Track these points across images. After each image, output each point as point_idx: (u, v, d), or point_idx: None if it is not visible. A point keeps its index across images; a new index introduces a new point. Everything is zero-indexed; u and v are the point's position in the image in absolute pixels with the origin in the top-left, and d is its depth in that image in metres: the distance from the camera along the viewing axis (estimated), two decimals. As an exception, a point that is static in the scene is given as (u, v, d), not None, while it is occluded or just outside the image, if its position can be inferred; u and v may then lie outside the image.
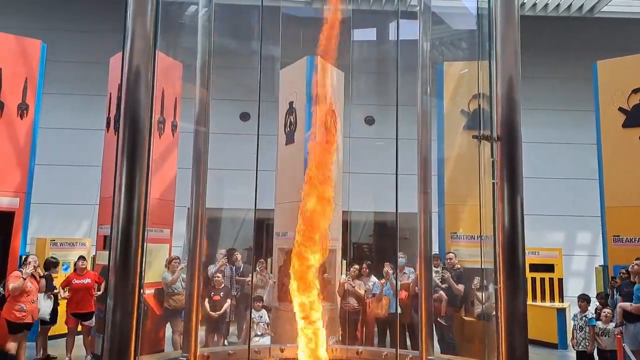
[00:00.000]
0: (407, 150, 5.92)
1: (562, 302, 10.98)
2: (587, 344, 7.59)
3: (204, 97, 5.92)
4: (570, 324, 10.46)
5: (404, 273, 8.70)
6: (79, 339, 8.52)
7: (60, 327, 8.88)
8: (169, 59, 9.15)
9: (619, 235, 8.88)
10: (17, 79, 8.74)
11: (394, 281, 8.08)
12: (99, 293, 8.38)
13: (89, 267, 10.36)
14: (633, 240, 8.76)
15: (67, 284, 8.30)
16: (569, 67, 14.11)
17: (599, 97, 9.46)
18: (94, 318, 8.37)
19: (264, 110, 6.40)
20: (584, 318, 7.74)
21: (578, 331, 7.73)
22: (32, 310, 7.47)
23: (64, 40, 13.19)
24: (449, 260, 8.91)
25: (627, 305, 7.11)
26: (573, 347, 8.06)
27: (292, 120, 9.43)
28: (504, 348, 3.45)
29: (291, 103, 9.48)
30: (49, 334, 8.56)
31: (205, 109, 5.92)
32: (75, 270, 8.46)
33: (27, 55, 8.92)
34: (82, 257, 8.52)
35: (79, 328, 8.36)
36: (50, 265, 8.34)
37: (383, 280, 8.60)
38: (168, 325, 8.78)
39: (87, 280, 8.29)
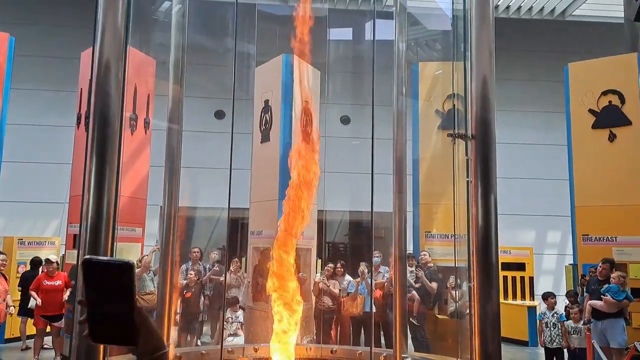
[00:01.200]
0: (382, 149, 5.93)
1: (533, 300, 11.18)
2: (561, 340, 7.77)
3: (177, 94, 5.83)
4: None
5: (379, 272, 8.73)
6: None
7: (29, 328, 8.71)
8: (142, 55, 8.99)
9: (588, 235, 9.07)
10: (-17, 73, 8.48)
11: (369, 280, 8.10)
12: (66, 297, 8.22)
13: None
14: (602, 239, 8.95)
15: (37, 285, 8.10)
16: (540, 69, 14.37)
17: (569, 98, 9.64)
18: (63, 319, 8.19)
19: (239, 108, 6.34)
20: (555, 315, 7.89)
21: (552, 328, 7.85)
22: (-1, 311, 7.27)
23: (33, 34, 12.87)
24: (422, 258, 8.97)
25: (596, 302, 7.27)
26: (542, 345, 8.22)
27: (268, 118, 9.36)
28: (477, 345, 3.47)
29: (266, 101, 9.42)
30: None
31: (179, 106, 5.83)
32: (45, 271, 8.26)
33: (-6, 49, 8.66)
34: (48, 260, 8.31)
35: (48, 329, 8.17)
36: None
37: (358, 279, 8.62)
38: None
39: (58, 282, 8.12)
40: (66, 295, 8.23)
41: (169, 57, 5.97)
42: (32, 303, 8.50)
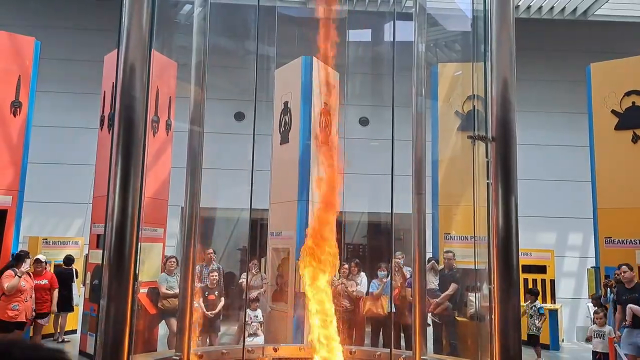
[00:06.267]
0: (401, 151, 5.93)
1: (554, 303, 11.04)
2: (537, 328, 9.02)
3: (198, 97, 5.91)
4: (561, 324, 10.53)
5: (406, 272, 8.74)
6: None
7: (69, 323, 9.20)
8: (164, 58, 9.13)
9: (610, 237, 8.94)
10: (10, 76, 8.69)
11: (406, 273, 8.15)
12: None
13: (80, 267, 10.40)
14: (624, 242, 8.82)
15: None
16: (562, 70, 14.19)
17: (592, 99, 9.52)
18: (47, 318, 8.65)
19: (258, 110, 6.39)
20: (533, 307, 9.13)
21: (533, 318, 9.04)
22: (25, 309, 7.43)
23: (58, 37, 13.12)
24: (447, 261, 8.92)
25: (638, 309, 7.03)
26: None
27: (287, 120, 9.43)
28: (498, 348, 3.46)
29: (286, 103, 9.49)
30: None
31: (200, 108, 5.90)
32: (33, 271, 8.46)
33: (21, 52, 8.87)
34: (37, 260, 8.52)
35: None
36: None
37: (384, 279, 8.58)
38: (162, 325, 8.76)
39: (45, 282, 8.37)
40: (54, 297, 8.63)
41: (190, 60, 6.05)
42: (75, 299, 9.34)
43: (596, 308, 8.40)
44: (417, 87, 6.17)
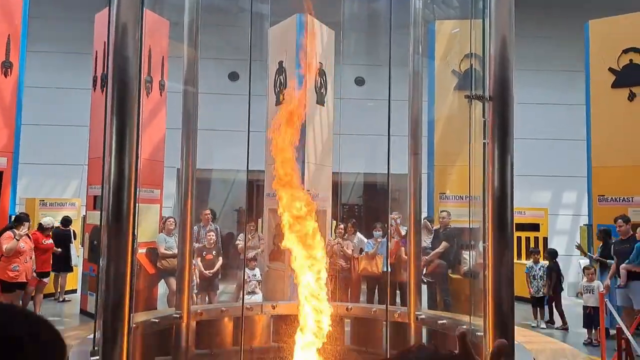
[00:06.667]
0: (397, 111, 5.90)
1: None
2: (544, 290, 8.89)
3: (192, 56, 5.82)
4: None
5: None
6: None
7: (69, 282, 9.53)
8: (155, 16, 8.93)
9: (604, 195, 9.03)
10: (-1, 36, 8.51)
11: (402, 231, 8.25)
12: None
13: (78, 228, 10.48)
14: (617, 199, 8.91)
15: (34, 244, 8.41)
16: (559, 27, 13.99)
17: (589, 57, 9.43)
18: (48, 277, 8.89)
19: (253, 70, 6.31)
20: (541, 268, 9.04)
21: (539, 280, 8.98)
22: (25, 270, 7.53)
23: (46, -5, 12.79)
24: (442, 220, 9.01)
25: (629, 267, 7.26)
26: (529, 294, 9.07)
27: (282, 80, 9.32)
28: (491, 304, 3.55)
29: (281, 62, 9.35)
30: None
31: (194, 68, 5.82)
32: (42, 230, 8.61)
33: (9, 11, 8.65)
34: (41, 225, 8.68)
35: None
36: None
37: (379, 239, 8.67)
38: (161, 284, 8.90)
39: (50, 241, 8.52)
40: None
41: (182, 18, 5.93)
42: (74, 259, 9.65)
43: (587, 264, 8.59)
44: (414, 45, 6.09)
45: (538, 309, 9.05)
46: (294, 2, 9.14)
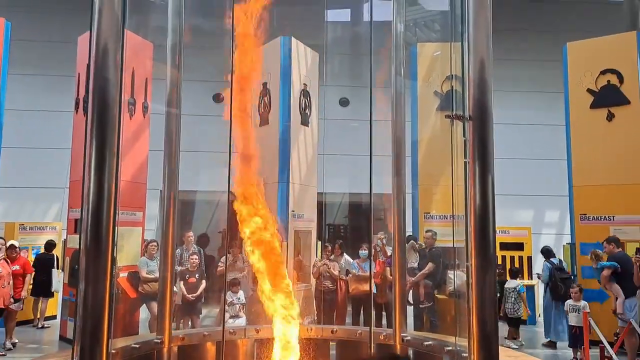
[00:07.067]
0: (381, 131, 5.94)
1: (531, 279, 11.26)
2: (518, 309, 8.81)
3: (175, 78, 5.82)
4: (538, 299, 10.77)
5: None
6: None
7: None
8: (139, 39, 8.95)
9: (585, 214, 9.13)
10: (-20, 58, 8.45)
11: (381, 258, 8.20)
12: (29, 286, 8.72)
13: (59, 252, 10.28)
14: (599, 218, 9.01)
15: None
16: (539, 49, 14.28)
17: (568, 78, 9.62)
18: (20, 303, 8.44)
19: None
20: (515, 289, 8.89)
21: (512, 299, 8.83)
22: (3, 295, 7.35)
23: (30, 19, 12.77)
24: (426, 240, 8.98)
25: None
26: (506, 315, 8.90)
27: (266, 101, 9.36)
28: (475, 323, 3.53)
29: (265, 84, 9.40)
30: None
31: (177, 89, 5.82)
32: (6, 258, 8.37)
33: (-10, 34, 8.61)
34: (12, 245, 8.41)
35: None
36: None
37: (367, 258, 8.62)
38: (143, 308, 8.73)
39: (16, 267, 8.27)
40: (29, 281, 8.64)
41: (166, 41, 5.94)
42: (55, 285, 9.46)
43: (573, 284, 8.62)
44: (396, 67, 6.16)
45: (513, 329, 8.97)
46: (277, 25, 9.23)
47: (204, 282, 8.43)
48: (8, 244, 8.30)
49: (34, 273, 9.14)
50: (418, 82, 10.20)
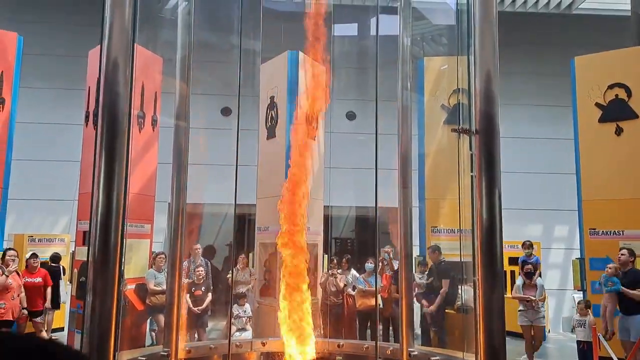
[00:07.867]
0: (388, 145, 5.95)
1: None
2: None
3: (184, 92, 5.88)
4: (548, 315, 10.66)
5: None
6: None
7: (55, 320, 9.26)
8: (149, 53, 9.05)
9: (595, 229, 9.05)
10: (-8, 72, 8.57)
11: (387, 272, 8.16)
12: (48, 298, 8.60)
13: (67, 263, 10.33)
14: (609, 233, 8.93)
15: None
16: (547, 63, 14.28)
17: (576, 92, 9.59)
18: (43, 315, 8.47)
19: (245, 105, 6.38)
20: None
21: None
22: (12, 307, 7.37)
23: (42, 33, 12.95)
24: (431, 256, 8.94)
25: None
26: None
27: (274, 114, 9.41)
28: (482, 337, 3.51)
29: (272, 98, 9.47)
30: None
31: (186, 103, 5.88)
32: (27, 267, 8.42)
33: (3, 48, 8.75)
34: (34, 255, 8.47)
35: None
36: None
37: (371, 271, 8.59)
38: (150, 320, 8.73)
39: (38, 279, 8.28)
40: (48, 293, 8.55)
41: (175, 55, 6.02)
42: (63, 297, 9.27)
43: (580, 299, 8.53)
44: (403, 81, 6.19)
45: None
46: (286, 39, 9.32)
47: (210, 294, 8.43)
48: (29, 252, 8.39)
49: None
50: (425, 96, 10.23)
